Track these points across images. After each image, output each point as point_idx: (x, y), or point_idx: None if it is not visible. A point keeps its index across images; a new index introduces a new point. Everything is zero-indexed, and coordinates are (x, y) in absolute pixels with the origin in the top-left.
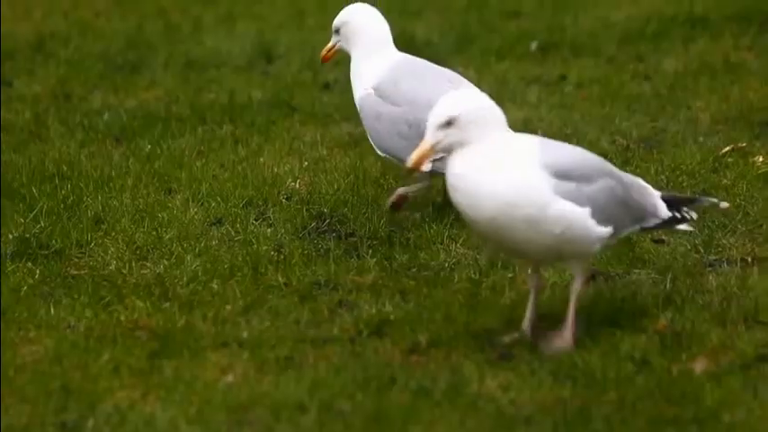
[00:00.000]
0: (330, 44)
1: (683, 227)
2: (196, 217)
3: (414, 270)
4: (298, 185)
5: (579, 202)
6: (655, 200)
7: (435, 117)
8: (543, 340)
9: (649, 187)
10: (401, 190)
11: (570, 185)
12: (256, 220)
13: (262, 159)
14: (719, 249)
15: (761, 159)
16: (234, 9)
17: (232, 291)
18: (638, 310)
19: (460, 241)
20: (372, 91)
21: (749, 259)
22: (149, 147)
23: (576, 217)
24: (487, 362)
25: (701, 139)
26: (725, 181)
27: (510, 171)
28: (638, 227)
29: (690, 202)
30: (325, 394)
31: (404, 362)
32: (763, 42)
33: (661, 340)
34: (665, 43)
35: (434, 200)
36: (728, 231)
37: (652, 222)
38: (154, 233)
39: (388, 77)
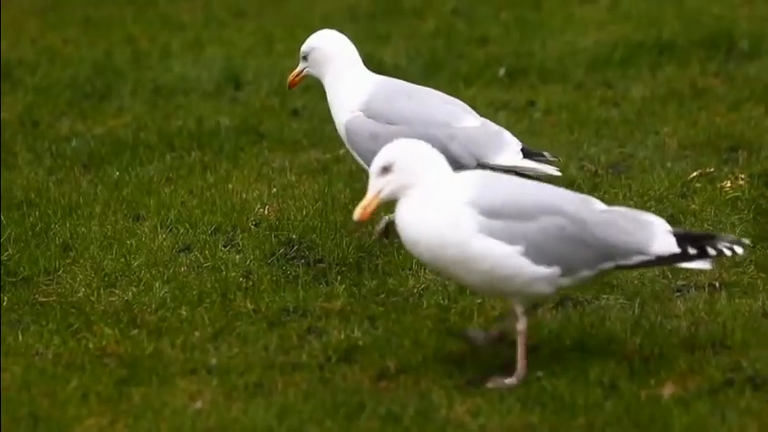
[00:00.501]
0: (297, 70)
1: (697, 264)
2: (164, 244)
3: (382, 296)
4: (266, 212)
5: (509, 239)
6: (640, 237)
7: (373, 166)
8: (492, 378)
9: (651, 221)
10: (388, 218)
11: (499, 223)
12: (225, 246)
13: (230, 186)
14: (687, 275)
15: (728, 184)
16: (202, 35)
17: (201, 317)
18: (607, 335)
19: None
20: (361, 113)
21: (717, 284)
22: (117, 174)
23: (501, 255)
24: (456, 387)
25: (668, 164)
26: (693, 206)
27: (436, 211)
28: (609, 264)
29: (708, 239)
30: (294, 421)
31: (373, 388)
32: (729, 68)
33: (629, 365)
34: (633, 69)
35: None
36: None
37: (634, 260)
38: (122, 260)
39: (377, 98)
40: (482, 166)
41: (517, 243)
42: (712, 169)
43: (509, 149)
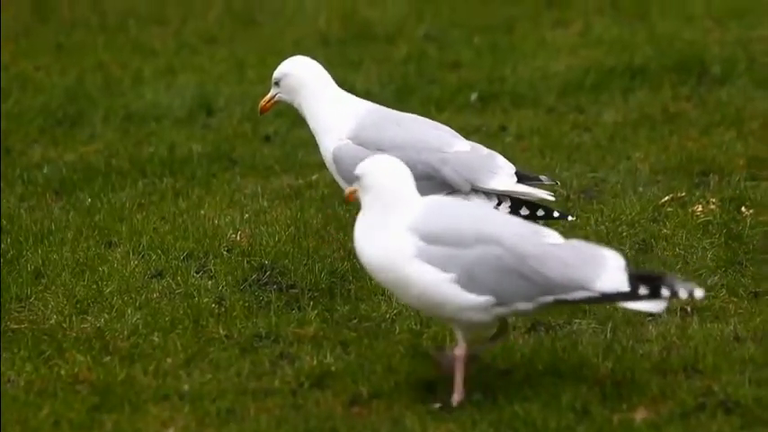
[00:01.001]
0: (269, 95)
1: (647, 306)
2: (137, 270)
3: (355, 321)
4: (239, 237)
5: (443, 266)
6: (585, 273)
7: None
8: (435, 399)
9: (605, 256)
10: None
11: (436, 249)
12: (197, 272)
13: (203, 212)
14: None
15: (700, 209)
16: (174, 62)
17: (173, 344)
18: (579, 359)
19: None
20: (349, 141)
21: (688, 309)
22: (89, 200)
23: (431, 281)
24: (429, 413)
25: (640, 189)
26: (665, 230)
27: (380, 232)
28: (548, 298)
29: (657, 280)
30: None
31: (345, 414)
32: (701, 93)
33: (602, 390)
34: (605, 94)
35: None
36: None
37: (575, 295)
38: (94, 287)
39: (366, 125)
40: (476, 190)
41: (450, 270)
42: (684, 194)
43: (502, 173)
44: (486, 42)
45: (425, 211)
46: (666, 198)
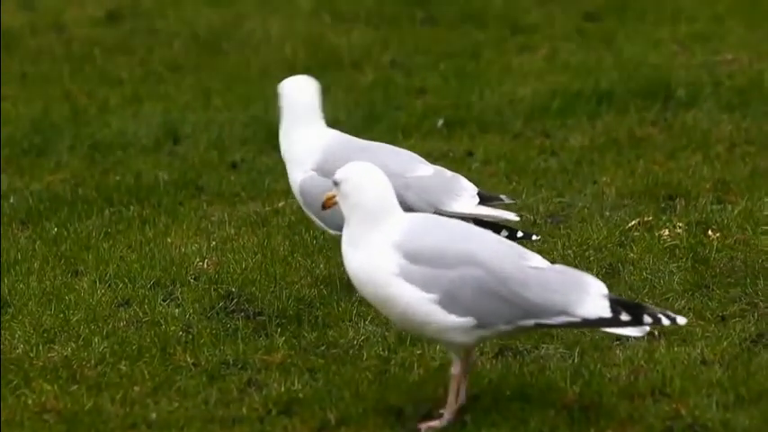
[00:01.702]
0: None
1: (625, 330)
2: (103, 299)
3: (322, 348)
4: (206, 265)
5: (425, 286)
6: (567, 298)
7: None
8: (424, 422)
9: (588, 283)
10: None
11: (418, 269)
12: (164, 300)
13: (169, 240)
14: None
15: (667, 233)
16: (140, 90)
17: (140, 372)
18: (547, 384)
19: (369, 318)
20: (315, 172)
21: (656, 332)
22: (56, 229)
23: (412, 300)
24: None
25: (607, 213)
26: (631, 255)
27: (364, 249)
28: (529, 322)
29: (639, 309)
30: None
31: None
32: (667, 117)
33: (569, 414)
34: (571, 119)
35: (341, 276)
36: None
37: (556, 320)
38: (61, 315)
39: (330, 154)
40: (440, 213)
41: (432, 290)
42: (650, 218)
43: (465, 195)
44: (452, 68)
45: (409, 228)
46: (633, 222)
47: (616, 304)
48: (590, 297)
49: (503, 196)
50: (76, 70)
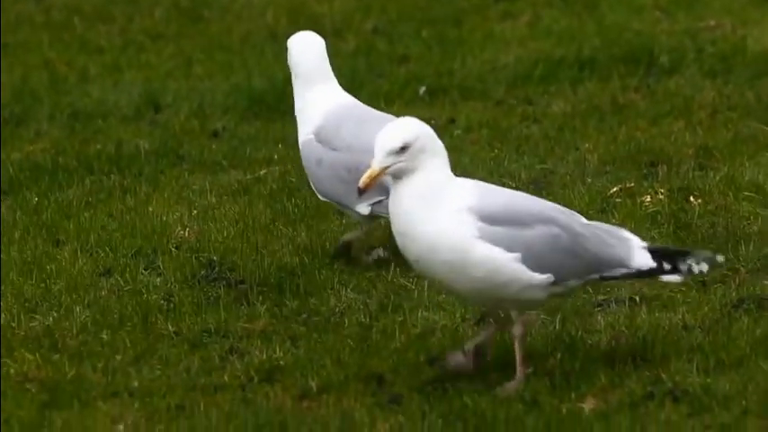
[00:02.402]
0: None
1: (669, 278)
2: (85, 268)
3: (304, 316)
4: (187, 234)
5: (508, 246)
6: (622, 251)
7: (388, 141)
8: (499, 387)
9: (628, 237)
10: (346, 237)
11: (498, 230)
12: (146, 269)
13: (150, 209)
14: (608, 289)
15: (648, 199)
16: (120, 59)
17: (122, 341)
18: (528, 350)
19: (351, 286)
20: (313, 137)
21: (637, 299)
22: (36, 199)
23: (500, 262)
24: (378, 405)
25: (589, 179)
26: (613, 221)
27: (437, 213)
28: (595, 276)
29: (683, 255)
30: None
31: (295, 408)
32: (650, 83)
33: (550, 380)
34: (554, 86)
35: (323, 245)
36: None
37: (616, 272)
38: (42, 285)
39: (328, 123)
40: None
41: (515, 250)
42: (632, 184)
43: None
44: (435, 35)
45: (479, 193)
46: (615, 189)
47: (654, 253)
48: (635, 250)
49: None
50: (56, 39)
